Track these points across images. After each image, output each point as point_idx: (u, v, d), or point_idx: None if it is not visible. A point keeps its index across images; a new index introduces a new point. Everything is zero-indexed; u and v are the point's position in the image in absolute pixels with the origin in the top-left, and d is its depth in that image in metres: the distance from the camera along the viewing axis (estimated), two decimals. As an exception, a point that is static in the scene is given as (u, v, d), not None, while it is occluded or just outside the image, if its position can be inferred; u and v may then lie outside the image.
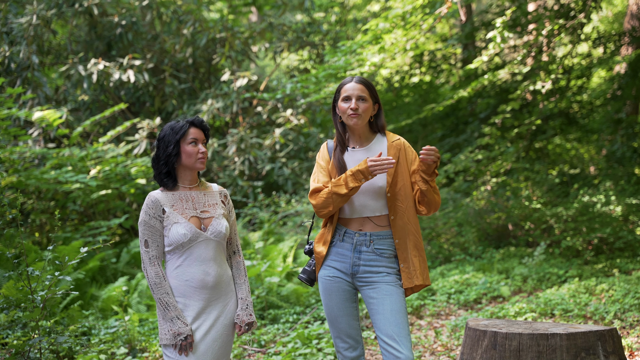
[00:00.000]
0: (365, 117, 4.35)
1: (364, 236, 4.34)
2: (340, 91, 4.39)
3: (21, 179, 10.50)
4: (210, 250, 4.14)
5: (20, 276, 5.72)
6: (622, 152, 13.40)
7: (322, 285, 4.44)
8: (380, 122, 4.48)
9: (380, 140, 4.46)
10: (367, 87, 4.35)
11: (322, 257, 4.44)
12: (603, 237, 10.33)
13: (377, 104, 4.44)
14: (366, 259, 4.33)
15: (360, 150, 4.42)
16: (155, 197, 4.12)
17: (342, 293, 4.38)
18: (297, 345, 6.92)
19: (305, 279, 4.56)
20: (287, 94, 12.66)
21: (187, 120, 4.15)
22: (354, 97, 4.30)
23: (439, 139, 16.63)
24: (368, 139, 4.45)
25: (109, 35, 14.34)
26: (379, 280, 4.31)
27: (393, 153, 4.37)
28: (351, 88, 4.33)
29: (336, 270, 4.38)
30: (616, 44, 13.68)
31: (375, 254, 4.33)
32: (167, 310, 4.02)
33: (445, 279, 9.45)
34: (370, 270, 4.32)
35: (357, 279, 4.36)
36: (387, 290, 4.28)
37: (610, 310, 7.22)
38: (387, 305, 4.26)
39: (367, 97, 4.33)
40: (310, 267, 4.55)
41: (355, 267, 4.34)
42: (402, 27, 10.79)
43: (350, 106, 4.29)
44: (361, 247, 4.34)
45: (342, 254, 4.38)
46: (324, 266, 4.43)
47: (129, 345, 7.16)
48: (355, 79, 4.37)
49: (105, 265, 10.30)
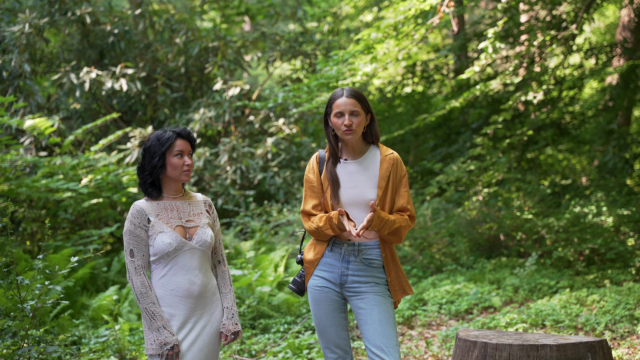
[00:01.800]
0: (359, 131, 4.35)
1: (352, 246, 4.35)
2: (332, 106, 4.37)
3: (12, 187, 10.46)
4: (195, 259, 4.14)
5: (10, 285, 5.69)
6: (614, 163, 13.43)
7: (311, 295, 4.44)
8: (374, 132, 4.47)
9: (374, 153, 4.46)
10: (359, 100, 4.33)
11: (311, 266, 4.44)
12: (594, 248, 10.34)
13: (370, 113, 4.43)
14: (354, 269, 4.34)
15: (353, 162, 4.42)
16: (140, 207, 4.11)
17: (330, 303, 4.38)
18: (287, 355, 6.91)
19: (295, 289, 4.56)
20: (279, 103, 12.66)
21: (174, 131, 4.13)
22: (346, 113, 4.29)
23: (431, 149, 16.65)
24: (361, 151, 4.45)
25: (101, 44, 14.33)
26: (367, 291, 4.32)
27: (385, 167, 4.37)
28: (343, 103, 4.31)
29: (325, 280, 4.39)
30: (608, 55, 13.73)
31: (364, 264, 4.34)
32: (154, 320, 4.01)
33: (436, 289, 9.44)
34: (359, 280, 4.33)
35: (345, 289, 4.37)
36: (375, 301, 4.29)
37: (601, 321, 7.23)
38: (375, 316, 4.27)
39: (359, 111, 4.32)
40: (301, 278, 4.55)
41: (344, 277, 4.34)
42: (395, 37, 10.81)
43: (344, 122, 4.28)
44: (349, 257, 4.34)
45: (331, 264, 4.38)
46: (313, 276, 4.44)
47: (119, 355, 7.14)
48: (345, 92, 4.35)
49: (96, 274, 10.26)
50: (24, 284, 5.60)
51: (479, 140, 12.31)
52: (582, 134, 15.07)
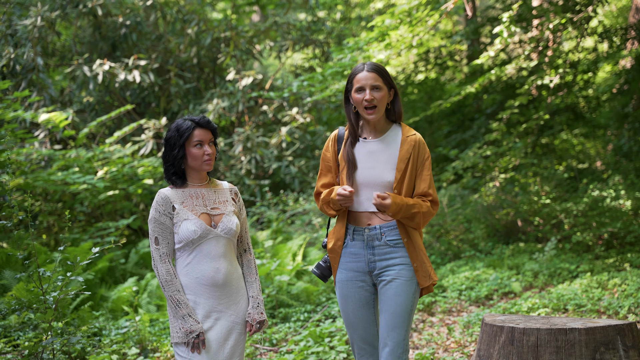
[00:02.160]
0: (382, 107, 4.20)
1: (374, 230, 4.23)
2: (352, 81, 4.23)
3: (28, 180, 10.48)
4: (220, 247, 4.11)
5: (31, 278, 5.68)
6: (629, 147, 13.34)
7: (338, 290, 4.34)
8: (397, 109, 4.31)
9: (395, 132, 4.31)
10: (380, 74, 4.19)
11: (335, 257, 4.32)
12: (613, 232, 10.27)
13: (393, 89, 4.28)
14: (381, 253, 4.22)
15: (374, 141, 4.29)
16: (165, 194, 4.09)
17: (358, 299, 4.27)
18: (309, 343, 6.88)
19: (318, 274, 4.43)
20: (294, 92, 12.62)
21: (193, 119, 4.08)
22: (367, 88, 4.15)
23: (445, 136, 16.59)
24: (383, 129, 4.31)
25: (113, 36, 14.31)
26: (395, 276, 4.19)
27: (406, 148, 4.23)
28: (364, 78, 4.16)
29: (352, 272, 4.27)
30: (622, 38, 13.62)
31: (389, 246, 4.21)
32: (179, 307, 3.98)
33: (455, 276, 9.40)
34: (387, 264, 4.21)
35: (375, 276, 4.25)
36: (399, 289, 4.17)
37: (624, 304, 7.18)
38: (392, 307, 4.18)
39: (381, 85, 4.17)
40: (325, 263, 4.41)
41: (372, 264, 4.23)
42: (408, 23, 10.75)
43: (365, 97, 4.14)
44: (373, 242, 4.22)
45: (356, 254, 4.26)
46: (340, 269, 4.32)
47: (140, 346, 7.14)
48: (366, 66, 4.21)
49: (114, 266, 10.28)
50: (46, 276, 5.60)
51: (495, 126, 12.24)
52: (596, 118, 14.97)
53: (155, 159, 11.90)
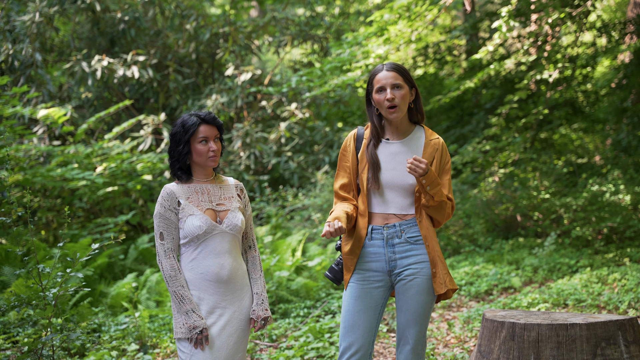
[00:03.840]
0: (404, 106, 4.12)
1: (394, 227, 4.14)
2: (372, 82, 4.16)
3: (27, 176, 10.47)
4: (225, 243, 4.09)
5: (30, 274, 5.67)
6: (628, 141, 13.34)
7: (351, 290, 4.20)
8: (419, 109, 4.25)
9: (419, 135, 4.24)
10: (401, 73, 4.12)
11: (353, 258, 4.20)
12: (613, 227, 10.27)
13: (414, 88, 4.20)
14: (401, 251, 4.13)
15: (397, 143, 4.21)
16: (170, 190, 4.08)
17: (369, 300, 4.16)
18: (309, 339, 6.87)
19: (331, 278, 4.32)
20: (293, 87, 12.60)
21: (199, 115, 4.06)
22: (388, 87, 4.07)
23: (444, 131, 16.58)
24: (406, 131, 4.23)
25: (111, 32, 14.28)
26: (416, 273, 4.11)
27: (429, 152, 4.16)
28: (384, 77, 4.09)
29: (371, 272, 4.17)
30: (620, 33, 13.61)
31: (410, 243, 4.13)
32: (182, 303, 3.97)
33: (455, 271, 9.40)
34: (409, 262, 4.12)
35: (394, 275, 4.16)
36: (419, 288, 4.10)
37: (624, 299, 7.17)
38: (412, 305, 4.13)
39: (402, 84, 4.09)
40: (338, 266, 4.30)
41: (392, 262, 4.14)
42: (407, 18, 10.74)
43: (386, 97, 4.06)
44: (393, 240, 4.13)
45: (375, 253, 4.16)
46: (357, 270, 4.20)
47: (140, 342, 7.14)
48: (386, 66, 4.14)
49: (113, 262, 10.27)
50: (45, 272, 5.58)
51: (494, 121, 12.23)
52: (595, 112, 14.97)
53: (154, 154, 11.88)
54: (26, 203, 5.69)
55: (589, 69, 13.85)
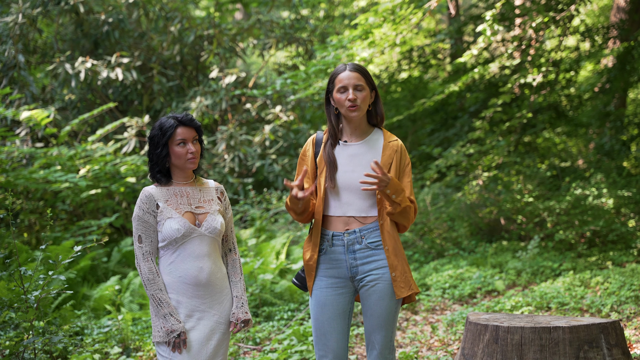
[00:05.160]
0: (364, 107, 4.12)
1: (354, 234, 4.13)
2: (334, 81, 4.15)
3: (9, 179, 10.40)
4: (204, 246, 4.08)
5: (12, 276, 5.63)
6: (611, 145, 13.41)
7: (316, 298, 4.20)
8: (379, 111, 4.25)
9: (377, 137, 4.23)
10: (363, 74, 4.12)
11: (312, 266, 4.20)
12: (596, 230, 10.32)
13: (374, 90, 4.21)
14: (362, 257, 4.12)
15: (355, 144, 4.19)
16: (149, 192, 4.06)
17: (335, 308, 4.16)
18: (292, 342, 6.87)
19: (298, 285, 4.34)
20: (277, 90, 12.59)
21: (176, 117, 4.04)
22: (350, 87, 4.07)
23: (428, 134, 16.62)
24: (365, 132, 4.22)
25: (95, 34, 14.22)
26: (378, 279, 4.10)
27: (388, 154, 4.15)
28: (346, 77, 4.09)
29: (333, 278, 4.17)
30: (604, 37, 13.68)
31: (370, 249, 4.12)
32: (160, 307, 3.95)
33: (439, 274, 9.41)
34: (370, 267, 4.11)
35: (357, 281, 4.16)
36: (382, 293, 4.10)
37: (607, 302, 7.21)
38: (377, 310, 4.13)
39: (364, 85, 4.10)
40: (304, 273, 4.31)
41: (354, 268, 4.13)
42: (392, 21, 10.75)
43: (348, 97, 4.06)
44: (354, 246, 4.12)
45: (336, 259, 4.16)
46: (319, 277, 4.20)
47: (123, 345, 7.10)
48: (348, 66, 4.14)
49: (96, 265, 10.22)
50: (27, 274, 5.55)
51: (478, 124, 12.26)
52: (578, 116, 15.04)
53: (137, 157, 11.83)
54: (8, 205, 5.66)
55: (572, 73, 13.91)
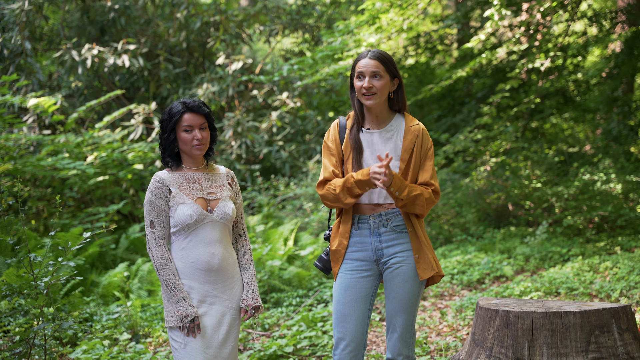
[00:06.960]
0: (382, 95, 4.08)
1: (380, 217, 4.12)
2: (354, 67, 4.12)
3: (17, 166, 10.40)
4: (216, 232, 4.07)
5: (21, 263, 5.63)
6: (619, 130, 13.36)
7: (340, 281, 4.19)
8: (400, 99, 4.20)
9: (398, 123, 4.20)
10: (383, 62, 4.06)
11: (341, 252, 4.19)
12: (604, 215, 10.29)
13: (397, 78, 4.15)
14: (387, 240, 4.12)
15: (377, 132, 4.17)
16: (161, 177, 4.05)
17: (359, 290, 4.15)
18: (301, 328, 6.87)
19: (321, 267, 4.32)
20: (284, 76, 12.56)
21: (185, 103, 4.03)
22: (367, 75, 4.03)
23: (435, 120, 16.56)
24: (386, 119, 4.19)
25: (101, 20, 14.20)
26: (403, 261, 4.10)
27: (410, 138, 4.13)
28: (364, 65, 4.05)
29: (358, 261, 4.16)
30: (611, 22, 13.61)
31: (395, 232, 4.12)
32: (173, 292, 3.95)
33: (447, 260, 9.41)
34: (395, 250, 4.11)
35: (382, 264, 4.14)
36: (406, 276, 4.09)
37: (616, 287, 7.19)
38: (399, 294, 4.12)
39: (382, 73, 4.04)
40: (327, 255, 4.31)
41: (379, 251, 4.12)
42: (399, 6, 10.71)
43: (363, 85, 4.03)
44: (379, 229, 4.12)
45: (362, 242, 4.15)
46: (346, 260, 4.19)
47: (132, 331, 7.13)
48: (370, 53, 4.09)
49: (105, 252, 10.24)
50: (37, 261, 5.55)
51: (485, 110, 12.22)
52: (586, 102, 14.99)
53: (145, 144, 11.83)
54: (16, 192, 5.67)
55: (580, 58, 13.85)
